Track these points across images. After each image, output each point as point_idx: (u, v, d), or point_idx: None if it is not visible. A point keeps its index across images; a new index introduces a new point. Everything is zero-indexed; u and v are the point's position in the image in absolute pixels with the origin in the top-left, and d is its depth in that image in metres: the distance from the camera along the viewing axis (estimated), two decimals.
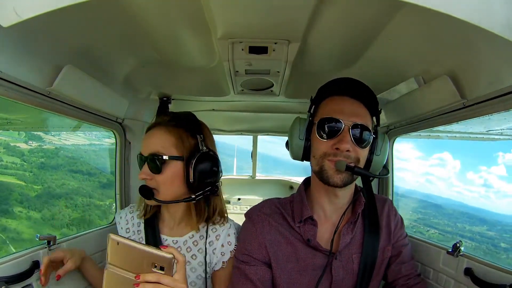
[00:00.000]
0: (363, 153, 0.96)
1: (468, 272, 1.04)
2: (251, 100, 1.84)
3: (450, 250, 1.14)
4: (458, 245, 1.11)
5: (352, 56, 1.16)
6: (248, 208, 1.14)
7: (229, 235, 1.09)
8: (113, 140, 1.64)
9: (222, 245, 1.07)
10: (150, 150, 1.02)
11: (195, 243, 1.09)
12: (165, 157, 1.01)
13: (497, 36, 0.55)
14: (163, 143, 1.02)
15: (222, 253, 1.07)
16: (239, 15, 0.88)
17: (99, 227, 1.48)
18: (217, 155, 1.07)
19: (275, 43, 1.02)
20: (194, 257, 1.09)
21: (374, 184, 1.73)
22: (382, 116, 1.58)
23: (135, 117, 1.68)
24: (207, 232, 1.08)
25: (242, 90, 1.53)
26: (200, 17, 0.88)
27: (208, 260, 1.07)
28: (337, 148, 0.92)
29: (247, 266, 1.01)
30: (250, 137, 3.22)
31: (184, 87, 1.65)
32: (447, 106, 1.09)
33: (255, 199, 3.43)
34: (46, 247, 1.14)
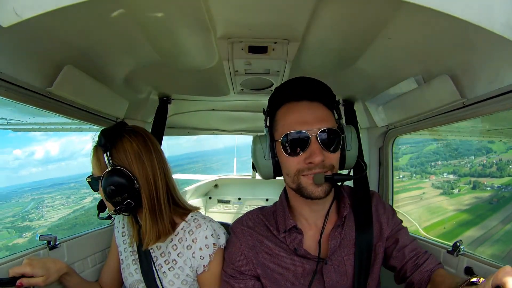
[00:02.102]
0: (336, 157, 0.92)
1: (468, 271, 1.04)
2: (251, 99, 1.84)
3: (450, 249, 1.14)
4: (458, 244, 1.11)
5: (352, 56, 1.16)
6: (248, 208, 1.13)
7: (206, 237, 1.05)
8: None
9: (200, 249, 1.04)
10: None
11: (174, 247, 1.08)
12: (88, 180, 1.08)
13: (497, 35, 0.55)
14: (93, 164, 1.08)
15: (201, 257, 1.05)
16: (238, 15, 0.88)
17: (99, 227, 1.48)
18: (122, 171, 0.99)
19: (275, 43, 1.02)
20: (174, 261, 1.08)
21: (375, 183, 1.73)
22: (382, 115, 1.58)
23: (135, 117, 1.68)
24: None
25: (242, 89, 1.52)
26: (199, 17, 0.87)
27: (189, 264, 1.06)
28: (310, 162, 0.87)
29: (236, 281, 1.00)
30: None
31: (184, 87, 1.65)
32: (447, 105, 1.09)
33: (256, 199, 3.44)
34: (46, 247, 1.14)
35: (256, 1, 0.81)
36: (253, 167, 1.02)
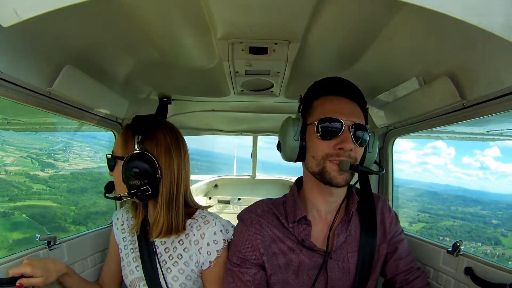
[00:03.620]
0: (361, 152, 0.97)
1: (468, 271, 1.04)
2: (251, 100, 1.84)
3: (450, 249, 1.14)
4: (458, 244, 1.11)
5: (352, 56, 1.16)
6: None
7: (215, 233, 1.06)
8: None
9: (208, 244, 1.05)
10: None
11: (181, 242, 1.09)
12: (108, 156, 1.09)
13: (497, 36, 0.55)
14: (116, 143, 1.11)
15: (209, 253, 1.05)
16: (239, 16, 0.88)
17: (99, 228, 1.48)
18: (147, 156, 1.01)
19: (275, 44, 1.02)
20: (180, 256, 1.08)
21: (374, 183, 1.73)
22: (382, 116, 1.58)
23: None
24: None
25: (242, 90, 1.53)
26: (200, 17, 0.88)
27: (195, 259, 1.06)
28: (340, 148, 0.91)
29: (241, 269, 1.00)
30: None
31: (184, 87, 1.65)
32: (447, 106, 1.09)
33: (255, 199, 3.43)
34: (46, 248, 1.14)
35: (257, 2, 0.80)
36: (278, 146, 1.04)
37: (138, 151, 1.02)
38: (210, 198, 3.64)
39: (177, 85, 1.61)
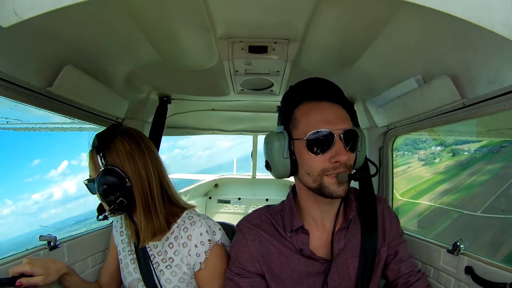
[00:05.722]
0: (354, 157, 0.93)
1: (468, 270, 1.04)
2: (251, 99, 1.84)
3: (451, 248, 1.14)
4: (458, 243, 1.11)
5: (352, 55, 1.16)
6: (248, 208, 1.13)
7: (201, 234, 1.06)
8: None
9: (196, 246, 1.05)
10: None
11: (171, 246, 1.09)
12: (85, 182, 1.09)
13: (497, 35, 0.55)
14: (89, 168, 1.09)
15: (197, 254, 1.05)
16: (238, 15, 0.88)
17: (99, 227, 1.48)
18: (114, 170, 1.01)
19: (275, 43, 1.02)
20: (171, 259, 1.08)
21: (375, 183, 1.73)
22: (382, 115, 1.58)
23: (135, 117, 1.68)
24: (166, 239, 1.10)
25: (242, 89, 1.53)
26: (199, 16, 0.88)
27: (186, 262, 1.07)
28: (336, 161, 0.87)
29: (240, 278, 0.99)
30: None
31: (184, 87, 1.65)
32: (447, 105, 1.09)
33: (256, 198, 3.44)
34: (46, 248, 1.14)
35: (256, 1, 0.81)
36: (267, 165, 0.99)
37: (102, 168, 1.02)
38: (210, 198, 3.65)
39: (177, 84, 1.61)
